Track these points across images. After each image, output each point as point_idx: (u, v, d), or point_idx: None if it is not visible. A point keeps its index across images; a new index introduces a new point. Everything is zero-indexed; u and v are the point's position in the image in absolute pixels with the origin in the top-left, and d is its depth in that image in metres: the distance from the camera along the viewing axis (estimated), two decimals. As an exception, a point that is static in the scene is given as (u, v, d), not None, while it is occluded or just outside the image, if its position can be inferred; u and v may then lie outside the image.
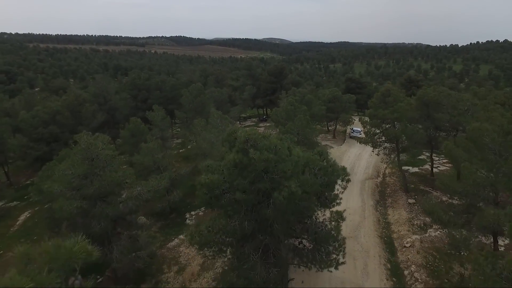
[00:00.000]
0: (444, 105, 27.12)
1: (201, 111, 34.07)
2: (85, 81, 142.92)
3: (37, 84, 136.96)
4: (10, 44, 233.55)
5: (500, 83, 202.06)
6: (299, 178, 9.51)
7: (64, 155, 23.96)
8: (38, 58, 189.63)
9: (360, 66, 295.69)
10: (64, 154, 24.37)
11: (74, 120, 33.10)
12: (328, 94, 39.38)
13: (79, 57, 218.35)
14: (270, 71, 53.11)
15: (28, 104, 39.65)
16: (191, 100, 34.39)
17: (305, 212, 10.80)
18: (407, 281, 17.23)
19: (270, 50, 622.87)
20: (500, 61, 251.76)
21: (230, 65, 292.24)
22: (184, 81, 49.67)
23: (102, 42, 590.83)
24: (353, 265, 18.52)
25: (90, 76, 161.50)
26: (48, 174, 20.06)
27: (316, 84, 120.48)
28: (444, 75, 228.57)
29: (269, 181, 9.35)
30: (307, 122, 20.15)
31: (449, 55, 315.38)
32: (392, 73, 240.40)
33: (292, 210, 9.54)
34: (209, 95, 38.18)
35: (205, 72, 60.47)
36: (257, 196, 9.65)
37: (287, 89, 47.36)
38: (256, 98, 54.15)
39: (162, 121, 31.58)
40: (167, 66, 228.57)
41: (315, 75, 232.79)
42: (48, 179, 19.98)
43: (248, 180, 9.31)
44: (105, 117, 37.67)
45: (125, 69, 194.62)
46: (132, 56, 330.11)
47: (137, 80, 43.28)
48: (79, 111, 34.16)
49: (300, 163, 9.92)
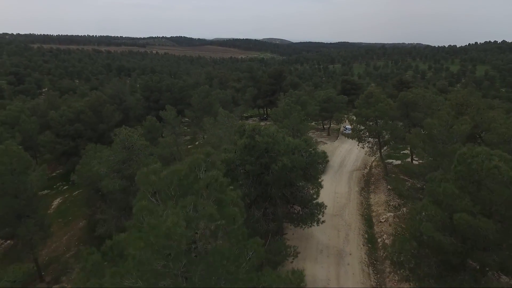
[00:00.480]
0: (420, 105, 31.36)
1: (209, 111, 38.26)
2: (90, 82, 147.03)
3: (44, 85, 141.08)
4: (15, 46, 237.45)
5: (495, 84, 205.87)
6: (289, 156, 13.66)
7: (91, 148, 28.22)
8: (43, 59, 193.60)
9: (359, 67, 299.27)
10: (91, 148, 28.64)
11: (96, 119, 37.34)
12: (323, 95, 43.66)
13: (83, 58, 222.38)
14: (270, 73, 57.37)
15: (52, 104, 43.83)
16: (200, 100, 38.59)
17: (294, 181, 14.97)
18: (379, 246, 21.49)
19: (270, 51, 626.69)
20: (497, 62, 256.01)
21: (230, 66, 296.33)
22: (191, 83, 53.99)
23: (104, 43, 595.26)
24: (337, 235, 22.78)
25: (94, 77, 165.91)
26: (86, 163, 24.23)
27: (315, 85, 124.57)
28: (441, 76, 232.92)
29: (268, 157, 13.51)
30: (300, 120, 24.35)
31: (447, 56, 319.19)
32: (390, 74, 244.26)
33: (284, 178, 13.73)
34: (215, 96, 42.39)
35: (210, 75, 64.70)
36: (260, 168, 13.82)
37: (285, 90, 51.58)
38: (257, 99, 58.31)
39: (174, 119, 35.80)
40: (169, 67, 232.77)
41: (314, 76, 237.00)
42: (87, 167, 24.23)
43: (254, 157, 13.48)
44: (122, 116, 41.90)
45: (128, 70, 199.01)
46: (134, 57, 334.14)
47: (150, 83, 47.65)
48: (100, 111, 38.41)
49: (291, 146, 14.08)
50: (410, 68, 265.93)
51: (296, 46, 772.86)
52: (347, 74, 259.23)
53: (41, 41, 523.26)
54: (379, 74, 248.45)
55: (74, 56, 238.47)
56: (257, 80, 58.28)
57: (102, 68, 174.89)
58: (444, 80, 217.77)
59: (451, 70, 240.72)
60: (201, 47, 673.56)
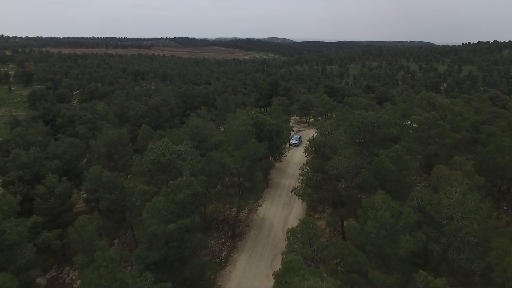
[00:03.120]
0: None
1: (227, 109, 58.41)
2: (114, 86, 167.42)
3: (74, 88, 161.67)
4: (39, 52, 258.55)
5: (477, 83, 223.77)
6: (271, 126, 33.80)
7: (157, 134, 48.54)
8: (67, 65, 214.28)
9: (355, 68, 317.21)
10: (157, 133, 49.02)
11: (156, 115, 57.55)
12: (303, 98, 63.81)
13: (100, 63, 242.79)
14: (268, 82, 77.35)
15: (121, 106, 64.02)
16: (222, 103, 58.72)
17: (274, 136, 35.14)
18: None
19: (272, 51, 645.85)
20: (482, 62, 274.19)
21: (234, 67, 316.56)
22: (212, 90, 74.32)
23: (111, 45, 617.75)
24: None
25: (115, 81, 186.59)
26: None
27: (308, 87, 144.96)
28: (429, 76, 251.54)
29: (263, 127, 33.79)
30: (281, 114, 44.49)
31: (438, 56, 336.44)
32: (383, 74, 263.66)
33: (269, 135, 33.93)
34: (231, 100, 62.46)
35: (225, 83, 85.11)
36: (260, 131, 34.09)
37: (280, 95, 72.02)
38: (259, 101, 78.29)
39: (206, 115, 56.22)
40: (178, 70, 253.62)
41: (312, 77, 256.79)
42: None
43: (257, 127, 33.68)
44: (169, 114, 62.14)
45: (142, 74, 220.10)
46: (144, 60, 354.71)
47: (187, 91, 67.94)
48: (158, 110, 58.56)
49: (274, 124, 34.32)
50: (402, 69, 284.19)
51: (297, 46, 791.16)
52: (343, 75, 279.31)
53: (52, 45, 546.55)
54: (372, 75, 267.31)
55: (91, 61, 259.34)
56: (259, 87, 78.34)
57: (120, 72, 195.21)
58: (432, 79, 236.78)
59: (439, 70, 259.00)
60: (205, 48, 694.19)
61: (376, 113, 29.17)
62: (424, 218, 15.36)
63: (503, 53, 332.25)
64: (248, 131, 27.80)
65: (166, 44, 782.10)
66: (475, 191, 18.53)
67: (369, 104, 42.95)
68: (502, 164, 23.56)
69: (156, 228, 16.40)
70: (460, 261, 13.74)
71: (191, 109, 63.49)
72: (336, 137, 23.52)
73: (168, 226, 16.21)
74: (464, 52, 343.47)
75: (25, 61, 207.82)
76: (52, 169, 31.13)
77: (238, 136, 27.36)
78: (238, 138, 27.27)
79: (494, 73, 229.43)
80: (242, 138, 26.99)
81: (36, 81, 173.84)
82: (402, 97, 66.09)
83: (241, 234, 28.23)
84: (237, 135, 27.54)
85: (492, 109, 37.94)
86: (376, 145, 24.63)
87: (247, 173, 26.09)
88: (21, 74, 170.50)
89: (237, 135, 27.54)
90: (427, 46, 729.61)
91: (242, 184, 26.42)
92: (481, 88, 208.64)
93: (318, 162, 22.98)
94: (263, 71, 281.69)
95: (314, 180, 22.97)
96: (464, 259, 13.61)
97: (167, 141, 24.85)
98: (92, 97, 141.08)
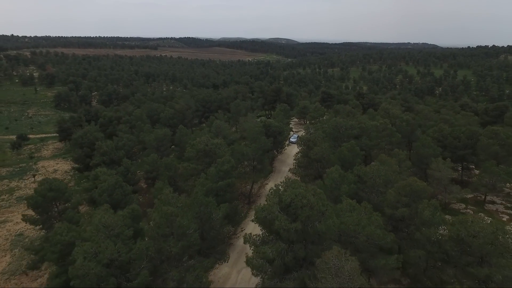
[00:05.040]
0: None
1: (239, 113, 71.61)
2: (129, 88, 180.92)
3: (93, 90, 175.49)
4: (55, 54, 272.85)
5: (470, 88, 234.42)
6: (275, 127, 46.80)
7: (189, 132, 61.90)
8: (83, 67, 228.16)
9: (356, 71, 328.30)
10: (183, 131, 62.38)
11: (182, 117, 70.87)
12: (301, 104, 76.94)
13: (113, 66, 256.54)
14: (272, 89, 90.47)
15: (150, 109, 77.35)
16: (235, 107, 71.96)
17: (277, 134, 48.05)
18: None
19: (276, 53, 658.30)
20: (477, 67, 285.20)
21: (239, 69, 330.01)
22: (225, 96, 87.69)
23: (118, 46, 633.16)
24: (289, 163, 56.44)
25: (130, 83, 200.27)
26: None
27: (309, 91, 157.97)
28: (426, 80, 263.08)
29: (269, 127, 46.76)
30: (282, 117, 57.56)
31: (437, 61, 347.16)
32: (382, 78, 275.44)
33: (273, 133, 47.12)
34: (242, 105, 75.63)
35: (236, 90, 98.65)
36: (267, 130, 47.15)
37: (282, 100, 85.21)
38: (264, 105, 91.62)
39: (223, 117, 69.51)
40: (185, 72, 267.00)
41: (314, 80, 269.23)
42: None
43: (267, 129, 46.64)
44: (191, 116, 75.55)
45: (153, 76, 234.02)
46: (152, 61, 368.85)
47: (206, 97, 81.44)
48: (183, 113, 71.87)
49: (276, 125, 47.34)
50: (400, 73, 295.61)
51: (301, 47, 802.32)
52: (343, 78, 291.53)
53: (62, 45, 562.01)
54: (372, 78, 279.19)
55: (104, 63, 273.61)
56: (264, 93, 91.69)
57: (134, 75, 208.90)
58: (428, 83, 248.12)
59: (436, 75, 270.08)
60: (209, 49, 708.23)
61: (350, 119, 42.35)
62: (358, 179, 28.52)
63: (500, 58, 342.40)
64: (259, 131, 41.10)
65: (172, 45, 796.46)
66: (401, 168, 31.80)
67: (350, 111, 55.86)
68: (425, 155, 36.58)
69: (211, 185, 29.74)
70: (375, 196, 26.90)
71: (209, 112, 77.05)
72: (316, 135, 36.69)
73: (219, 183, 29.59)
74: (462, 57, 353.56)
75: (46, 63, 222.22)
76: (121, 156, 44.66)
77: (253, 134, 40.63)
78: (253, 135, 40.54)
79: (487, 79, 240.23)
80: (256, 135, 40.27)
81: (57, 82, 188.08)
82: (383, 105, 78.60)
83: (254, 201, 41.40)
84: (252, 133, 40.82)
85: (440, 116, 50.95)
86: (343, 141, 37.77)
87: (259, 159, 39.33)
88: (45, 77, 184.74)
89: (252, 133, 40.82)
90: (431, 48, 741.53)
91: (256, 166, 39.69)
92: (473, 93, 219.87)
93: (305, 151, 36.19)
94: (267, 74, 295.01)
95: (302, 162, 36.16)
96: (376, 194, 26.78)
97: (208, 136, 38.18)
98: (110, 98, 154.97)
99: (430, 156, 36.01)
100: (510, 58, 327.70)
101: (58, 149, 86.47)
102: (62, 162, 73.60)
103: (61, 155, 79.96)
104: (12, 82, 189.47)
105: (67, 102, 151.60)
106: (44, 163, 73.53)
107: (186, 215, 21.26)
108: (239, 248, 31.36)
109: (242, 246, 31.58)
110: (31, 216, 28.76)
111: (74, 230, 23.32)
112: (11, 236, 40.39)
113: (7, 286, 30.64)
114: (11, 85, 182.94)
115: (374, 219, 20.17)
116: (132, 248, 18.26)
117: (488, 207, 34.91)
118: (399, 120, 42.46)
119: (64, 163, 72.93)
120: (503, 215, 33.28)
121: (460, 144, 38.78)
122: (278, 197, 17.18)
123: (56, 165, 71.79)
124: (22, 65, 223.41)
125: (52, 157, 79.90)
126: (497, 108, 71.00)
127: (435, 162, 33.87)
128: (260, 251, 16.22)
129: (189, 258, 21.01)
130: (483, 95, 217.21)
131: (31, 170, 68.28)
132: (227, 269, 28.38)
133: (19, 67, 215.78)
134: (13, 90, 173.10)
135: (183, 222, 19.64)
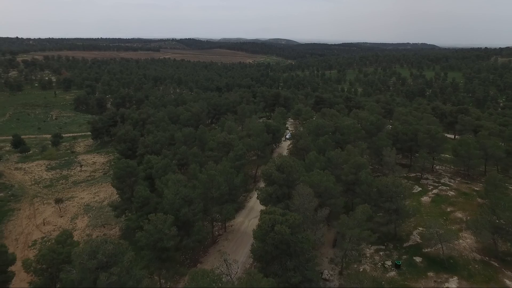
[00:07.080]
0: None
1: (245, 115, 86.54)
2: (140, 91, 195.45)
3: (107, 93, 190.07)
4: (66, 59, 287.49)
5: (458, 90, 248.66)
6: (274, 127, 61.65)
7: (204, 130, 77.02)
8: (95, 71, 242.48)
9: (352, 73, 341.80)
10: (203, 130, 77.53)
11: (198, 118, 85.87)
12: (296, 108, 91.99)
13: (122, 70, 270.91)
14: (271, 94, 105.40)
15: (170, 111, 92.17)
16: (241, 110, 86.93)
17: (276, 133, 62.92)
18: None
19: (276, 54, 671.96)
20: (467, 70, 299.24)
21: (240, 72, 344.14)
22: (232, 101, 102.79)
23: (122, 48, 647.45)
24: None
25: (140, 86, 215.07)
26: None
27: (306, 94, 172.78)
28: (417, 82, 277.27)
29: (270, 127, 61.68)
30: (280, 119, 72.39)
31: (430, 63, 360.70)
32: (376, 80, 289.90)
33: (273, 131, 62.12)
34: (247, 108, 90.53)
35: (241, 95, 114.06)
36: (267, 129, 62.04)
37: (280, 104, 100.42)
38: (265, 108, 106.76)
39: (230, 119, 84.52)
40: (190, 75, 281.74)
41: (312, 82, 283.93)
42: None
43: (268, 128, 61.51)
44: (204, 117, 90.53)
45: (160, 79, 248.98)
46: (157, 64, 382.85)
47: (216, 101, 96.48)
48: (198, 115, 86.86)
49: (275, 125, 62.17)
50: (394, 75, 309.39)
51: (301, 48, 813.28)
52: (340, 80, 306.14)
53: (67, 48, 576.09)
54: (367, 80, 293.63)
55: (112, 66, 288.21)
56: (265, 97, 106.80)
57: (143, 78, 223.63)
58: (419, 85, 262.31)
59: (427, 77, 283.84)
60: (210, 50, 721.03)
61: (329, 120, 57.44)
62: (328, 160, 43.59)
63: (490, 60, 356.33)
64: (262, 129, 56.27)
65: (173, 46, 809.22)
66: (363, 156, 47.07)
67: (334, 114, 70.93)
68: (380, 145, 51.60)
69: (230, 164, 44.92)
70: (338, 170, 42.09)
71: (219, 114, 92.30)
72: (302, 132, 51.76)
73: (236, 162, 44.83)
74: (454, 60, 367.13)
75: (60, 68, 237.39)
76: (158, 148, 59.80)
77: (257, 131, 55.71)
78: (257, 132, 55.62)
79: (474, 81, 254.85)
80: (259, 132, 55.38)
81: (73, 86, 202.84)
82: (367, 106, 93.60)
83: (258, 181, 56.49)
84: (257, 131, 55.91)
85: (403, 118, 66.10)
86: (322, 136, 52.81)
87: (262, 149, 54.41)
88: (62, 81, 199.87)
89: (257, 131, 55.91)
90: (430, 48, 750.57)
91: (259, 155, 54.78)
92: (461, 94, 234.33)
93: (294, 142, 51.29)
94: (267, 76, 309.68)
95: (292, 150, 51.29)
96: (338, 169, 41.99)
97: (226, 133, 53.33)
98: (124, 101, 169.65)
99: (383, 146, 51.06)
100: (500, 60, 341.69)
101: (89, 146, 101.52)
102: (98, 156, 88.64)
103: (94, 151, 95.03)
104: (32, 86, 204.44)
105: (84, 105, 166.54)
106: (82, 156, 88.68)
107: (219, 177, 36.45)
108: (248, 208, 46.60)
109: (251, 206, 46.97)
110: (114, 183, 43.90)
111: (147, 190, 38.52)
112: (82, 205, 55.61)
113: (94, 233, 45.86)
114: (32, 89, 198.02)
115: (330, 178, 35.27)
116: (193, 192, 33.49)
117: (422, 182, 49.92)
118: (364, 121, 57.54)
119: (99, 156, 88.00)
120: (430, 186, 48.32)
121: (407, 138, 53.91)
122: (274, 163, 32.29)
123: (93, 158, 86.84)
124: (38, 69, 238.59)
125: (86, 152, 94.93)
126: (458, 111, 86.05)
127: (385, 150, 48.82)
128: (264, 190, 31.32)
129: (223, 202, 36.22)
130: (469, 96, 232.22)
131: (74, 162, 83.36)
132: (241, 218, 43.60)
133: (36, 71, 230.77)
134: (34, 93, 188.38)
135: (220, 179, 34.86)
